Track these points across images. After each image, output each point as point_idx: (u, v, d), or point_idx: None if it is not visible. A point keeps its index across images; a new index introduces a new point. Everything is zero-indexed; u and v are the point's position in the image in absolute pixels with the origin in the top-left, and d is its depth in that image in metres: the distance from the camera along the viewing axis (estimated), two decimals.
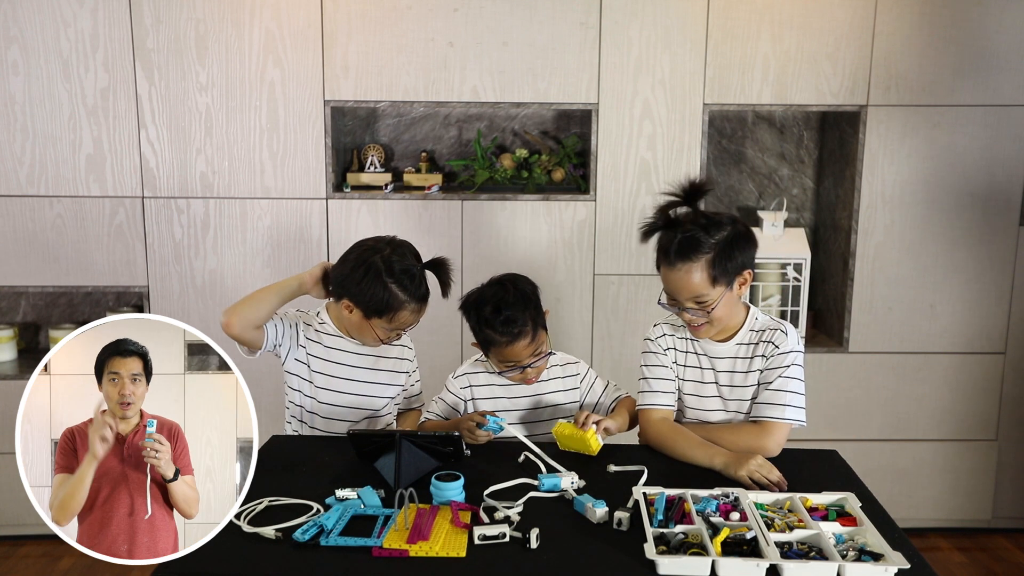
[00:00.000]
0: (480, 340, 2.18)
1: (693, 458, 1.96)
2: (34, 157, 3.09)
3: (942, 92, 3.12)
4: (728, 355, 2.05)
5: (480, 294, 2.17)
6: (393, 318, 2.10)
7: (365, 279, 2.07)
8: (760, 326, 2.05)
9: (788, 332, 2.01)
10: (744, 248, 1.96)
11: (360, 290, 2.08)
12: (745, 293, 2.03)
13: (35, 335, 3.55)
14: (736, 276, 1.96)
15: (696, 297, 1.95)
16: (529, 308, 2.12)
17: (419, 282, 2.11)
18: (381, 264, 2.07)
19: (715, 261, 1.92)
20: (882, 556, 1.50)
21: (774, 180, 3.56)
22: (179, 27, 3.02)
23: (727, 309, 1.99)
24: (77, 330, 1.63)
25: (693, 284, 1.93)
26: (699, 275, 1.92)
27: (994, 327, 3.28)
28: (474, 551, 1.56)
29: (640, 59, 3.09)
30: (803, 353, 2.03)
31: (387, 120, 3.48)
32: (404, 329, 2.16)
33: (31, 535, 3.25)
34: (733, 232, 1.95)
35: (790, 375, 1.99)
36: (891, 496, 3.25)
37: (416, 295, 2.10)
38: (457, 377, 2.29)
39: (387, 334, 2.15)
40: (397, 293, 2.07)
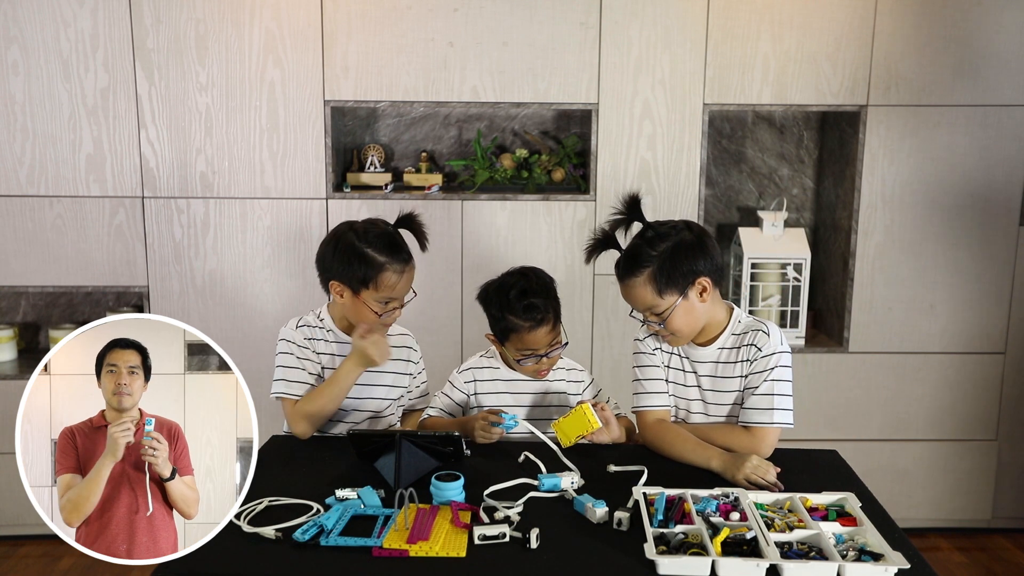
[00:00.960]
0: (500, 328, 2.19)
1: (690, 459, 1.96)
2: (34, 157, 3.09)
3: (942, 92, 3.12)
4: (710, 359, 2.05)
5: (502, 282, 2.20)
6: (379, 284, 2.08)
7: (340, 253, 2.09)
8: (742, 328, 2.03)
9: (770, 332, 1.99)
10: (691, 256, 1.94)
11: (339, 265, 2.09)
12: (711, 300, 1.99)
13: (35, 335, 3.55)
14: (688, 285, 1.94)
15: (648, 309, 1.97)
16: (550, 296, 2.17)
17: (394, 242, 2.12)
18: (352, 235, 2.10)
19: (658, 272, 1.93)
20: (882, 556, 1.50)
21: (774, 180, 3.56)
22: (179, 27, 3.02)
23: (687, 318, 1.97)
24: (77, 330, 1.64)
25: (640, 297, 1.97)
26: (644, 288, 1.95)
27: (994, 327, 3.28)
28: (474, 551, 1.56)
29: (640, 59, 3.09)
30: (789, 352, 2.00)
31: (387, 120, 3.48)
32: (396, 297, 2.12)
33: (31, 535, 3.25)
34: (676, 241, 1.95)
35: (776, 377, 1.96)
36: (891, 496, 3.24)
37: (394, 255, 2.09)
38: (461, 372, 2.30)
39: (381, 307, 2.11)
40: (374, 256, 2.07)
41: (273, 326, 3.15)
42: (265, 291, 3.17)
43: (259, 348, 3.13)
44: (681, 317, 1.96)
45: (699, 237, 1.98)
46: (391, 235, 2.13)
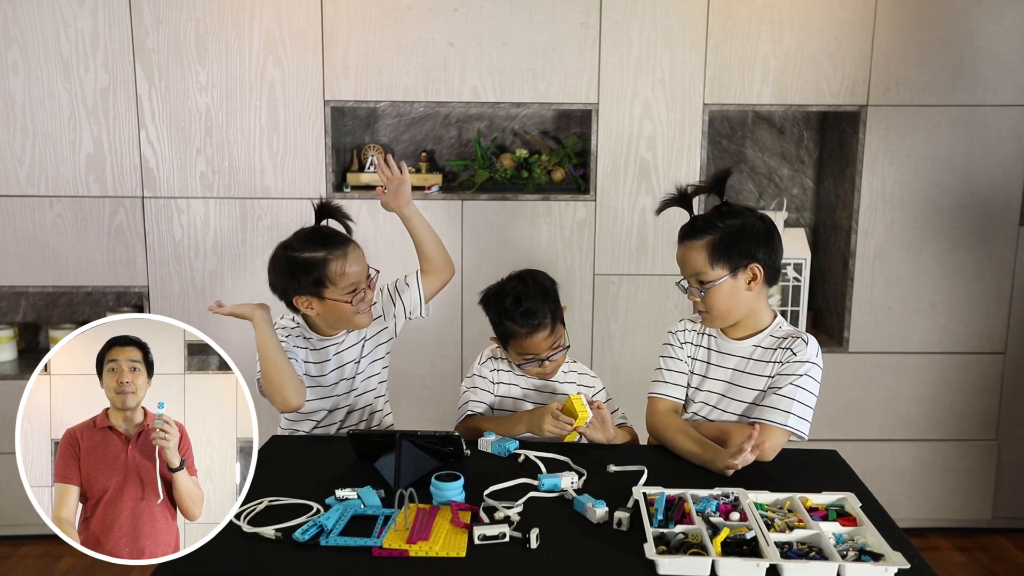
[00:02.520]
0: (500, 333, 2.21)
1: (684, 453, 1.97)
2: (34, 157, 3.09)
3: (942, 92, 3.12)
4: (741, 354, 2.06)
5: (500, 287, 2.22)
6: (331, 277, 2.08)
7: (284, 269, 2.11)
8: (782, 334, 2.04)
9: (809, 342, 2.00)
10: (754, 240, 1.98)
11: (289, 280, 2.11)
12: (758, 293, 2.01)
13: (35, 335, 3.55)
14: (740, 265, 1.97)
15: (696, 275, 2.00)
16: (548, 301, 2.18)
17: (322, 234, 2.13)
18: (284, 250, 2.13)
19: (718, 242, 1.97)
20: (882, 556, 1.50)
21: (774, 180, 3.56)
22: (179, 27, 3.02)
23: (728, 299, 1.99)
24: (77, 330, 1.63)
25: (693, 260, 2.00)
26: (699, 253, 1.98)
27: (994, 327, 3.28)
28: (474, 551, 1.56)
29: (640, 59, 3.09)
30: (821, 368, 2.01)
31: (387, 120, 3.48)
32: (356, 282, 2.10)
33: (31, 535, 3.25)
34: (745, 222, 1.99)
35: (801, 384, 1.97)
36: (891, 496, 3.25)
37: (328, 245, 2.10)
38: (483, 363, 2.30)
39: (348, 296, 2.10)
40: (312, 256, 2.09)
41: None
42: (265, 291, 3.15)
43: None
44: (723, 295, 1.98)
45: (768, 229, 2.02)
46: (316, 230, 2.16)
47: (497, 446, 2.01)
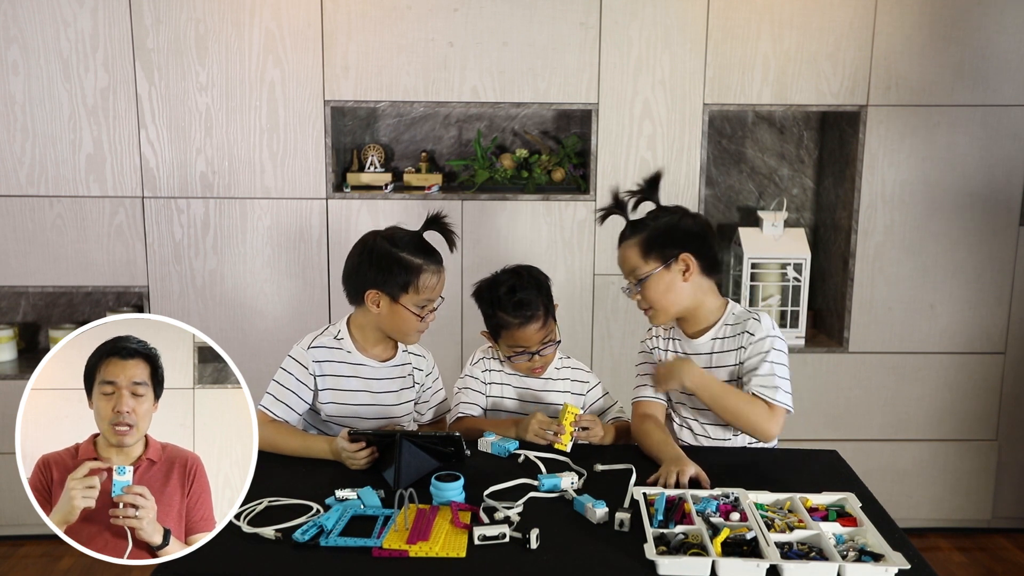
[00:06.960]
0: (492, 325, 2.21)
1: (651, 453, 1.99)
2: (34, 157, 3.09)
3: (942, 92, 3.12)
4: (704, 350, 2.09)
5: (494, 279, 2.23)
6: (418, 286, 2.06)
7: (377, 261, 2.07)
8: (735, 319, 2.08)
9: (761, 319, 2.04)
10: (684, 232, 2.04)
11: (377, 273, 2.07)
12: (695, 284, 2.03)
13: (35, 335, 3.55)
14: (672, 256, 2.01)
15: (632, 272, 2.06)
16: (542, 294, 2.19)
17: (425, 244, 2.12)
18: (384, 242, 2.09)
19: (649, 238, 2.04)
20: (882, 556, 1.50)
21: (774, 180, 3.56)
22: (179, 27, 3.02)
23: (666, 293, 2.03)
24: (77, 331, 1.61)
25: (626, 258, 2.07)
26: (632, 250, 2.05)
27: (994, 327, 3.28)
28: (474, 551, 1.56)
29: (640, 59, 3.09)
30: (782, 339, 2.04)
31: (387, 120, 3.48)
32: (432, 299, 2.10)
33: (31, 535, 3.25)
34: (675, 219, 2.06)
35: (773, 359, 2.00)
36: (891, 496, 3.24)
37: (429, 256, 2.10)
38: (475, 363, 2.30)
39: (420, 310, 2.08)
40: (411, 259, 2.07)
41: (273, 327, 3.17)
42: (265, 291, 3.17)
43: (259, 348, 3.13)
44: (659, 289, 2.03)
45: (698, 226, 2.07)
46: (421, 238, 2.13)
47: (497, 446, 2.02)
